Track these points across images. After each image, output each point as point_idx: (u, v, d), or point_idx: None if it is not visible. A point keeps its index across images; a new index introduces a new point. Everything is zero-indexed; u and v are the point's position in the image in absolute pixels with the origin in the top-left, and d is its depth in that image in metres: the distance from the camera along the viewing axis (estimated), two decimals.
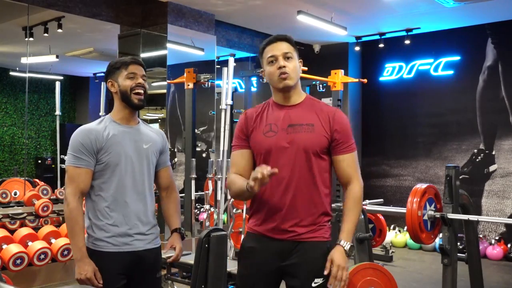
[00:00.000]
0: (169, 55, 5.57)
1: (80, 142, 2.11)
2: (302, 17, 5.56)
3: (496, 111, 6.46)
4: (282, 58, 2.01)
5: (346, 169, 2.03)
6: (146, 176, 2.23)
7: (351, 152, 2.05)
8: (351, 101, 7.41)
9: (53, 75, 7.82)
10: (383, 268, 2.66)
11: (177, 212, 2.40)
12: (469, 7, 5.67)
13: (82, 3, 5.14)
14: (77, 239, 2.08)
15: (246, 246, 2.08)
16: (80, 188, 2.10)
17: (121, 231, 2.13)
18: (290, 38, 2.08)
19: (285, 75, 1.99)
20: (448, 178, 3.19)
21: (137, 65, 2.23)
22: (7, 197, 4.81)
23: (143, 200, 2.20)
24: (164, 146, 2.34)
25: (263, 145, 1.99)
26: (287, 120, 2.02)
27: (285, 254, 1.98)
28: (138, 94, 2.18)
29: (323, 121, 2.02)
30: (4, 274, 3.30)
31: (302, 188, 1.98)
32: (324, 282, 1.97)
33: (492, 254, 6.13)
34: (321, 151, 2.01)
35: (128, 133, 2.20)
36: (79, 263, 2.06)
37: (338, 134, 2.02)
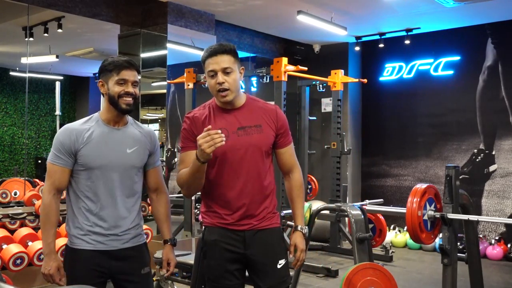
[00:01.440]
0: (169, 55, 5.57)
1: (60, 141, 2.15)
2: (302, 17, 5.56)
3: (496, 111, 6.46)
4: (221, 73, 2.10)
5: (288, 159, 2.26)
6: (129, 181, 2.21)
7: (290, 143, 2.27)
8: (351, 101, 7.41)
9: (53, 75, 7.82)
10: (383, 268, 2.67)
11: (167, 219, 2.40)
12: (469, 7, 5.67)
13: (82, 3, 5.14)
14: (47, 234, 2.15)
15: (210, 240, 2.19)
16: (55, 185, 2.15)
17: (96, 230, 2.15)
18: (230, 50, 2.14)
19: (224, 92, 2.10)
20: (448, 178, 3.19)
21: (129, 70, 2.19)
22: (7, 197, 4.81)
23: (122, 202, 2.19)
24: (152, 147, 2.31)
25: (218, 149, 1.99)
26: (236, 123, 2.15)
27: (247, 243, 2.16)
28: (126, 100, 2.16)
29: (268, 120, 2.19)
30: (4, 274, 3.30)
31: (255, 185, 2.15)
32: (286, 262, 2.21)
33: (492, 254, 6.13)
34: (269, 149, 2.21)
35: (113, 136, 2.19)
36: (46, 258, 2.14)
37: (281, 129, 2.22)
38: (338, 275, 5.17)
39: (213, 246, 2.18)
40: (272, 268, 2.16)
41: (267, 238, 2.18)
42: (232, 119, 2.15)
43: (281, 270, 2.18)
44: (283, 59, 5.31)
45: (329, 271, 5.20)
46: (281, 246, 2.22)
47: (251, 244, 2.16)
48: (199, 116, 2.19)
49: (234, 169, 2.12)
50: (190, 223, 5.44)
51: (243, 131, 2.14)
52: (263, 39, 7.14)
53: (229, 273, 2.16)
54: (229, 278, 2.16)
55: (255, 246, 2.16)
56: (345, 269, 5.07)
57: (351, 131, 7.38)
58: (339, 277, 5.10)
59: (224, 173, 2.14)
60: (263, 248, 2.16)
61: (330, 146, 6.43)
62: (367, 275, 2.62)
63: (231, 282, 2.16)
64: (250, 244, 2.16)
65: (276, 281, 2.17)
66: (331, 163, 6.43)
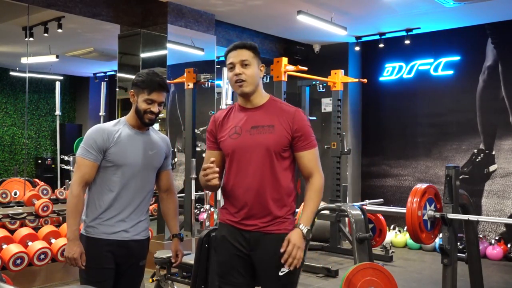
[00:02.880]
0: (169, 55, 5.57)
1: (94, 139, 2.36)
2: (302, 17, 5.56)
3: (496, 111, 6.46)
4: (239, 65, 2.17)
5: (307, 164, 2.20)
6: (146, 179, 2.46)
7: (311, 148, 2.21)
8: (351, 101, 7.41)
9: (53, 75, 7.82)
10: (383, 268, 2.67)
11: (176, 215, 2.63)
12: (469, 7, 5.67)
13: (82, 3, 5.14)
14: (73, 222, 2.32)
15: (219, 235, 2.25)
16: (85, 178, 2.34)
17: (113, 222, 2.37)
18: (250, 46, 2.22)
19: (241, 82, 2.16)
20: (448, 178, 3.19)
21: (160, 92, 2.38)
22: (7, 197, 4.81)
23: (139, 199, 2.43)
24: (167, 151, 2.56)
25: (229, 146, 2.17)
26: (250, 122, 2.19)
27: (252, 244, 2.16)
28: (149, 116, 2.39)
29: (283, 122, 2.17)
30: (4, 274, 3.30)
31: (264, 185, 2.14)
32: (291, 270, 2.12)
33: (492, 254, 6.13)
34: (282, 150, 2.16)
35: (137, 138, 2.43)
36: (70, 243, 2.30)
37: (297, 132, 2.17)
38: (338, 275, 5.17)
39: (222, 242, 2.23)
40: (274, 274, 2.13)
41: (272, 243, 2.13)
42: (248, 118, 2.20)
43: (283, 278, 2.13)
44: (283, 59, 5.31)
45: (329, 271, 5.20)
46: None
47: (255, 247, 2.15)
48: (219, 116, 2.29)
49: (242, 167, 2.16)
50: (190, 223, 5.44)
51: (256, 130, 2.16)
52: (263, 39, 7.14)
53: (235, 270, 2.19)
54: (235, 276, 2.19)
55: (259, 249, 2.15)
56: (345, 269, 5.07)
57: (351, 131, 7.38)
58: (339, 277, 5.10)
59: (233, 170, 2.20)
60: (266, 253, 2.14)
61: (330, 146, 6.43)
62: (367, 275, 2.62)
63: (237, 280, 2.18)
64: (255, 246, 2.15)
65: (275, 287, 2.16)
66: (331, 163, 6.43)
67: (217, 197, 4.50)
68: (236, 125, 2.19)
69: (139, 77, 2.41)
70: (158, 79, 2.40)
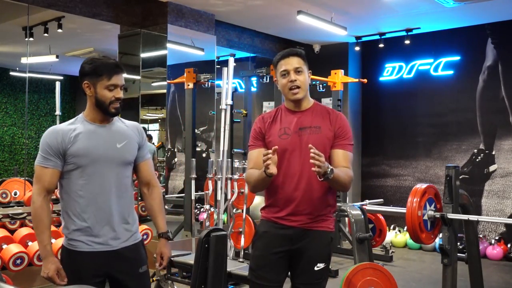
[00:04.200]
0: (169, 55, 5.57)
1: (47, 143, 2.14)
2: (302, 17, 5.56)
3: (496, 111, 6.46)
4: (293, 72, 2.28)
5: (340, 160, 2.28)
6: (120, 176, 2.20)
7: (345, 149, 2.29)
8: (351, 101, 7.41)
9: (53, 75, 7.81)
10: (383, 268, 2.67)
11: (161, 212, 2.37)
12: (469, 7, 5.67)
13: (82, 3, 5.14)
14: (42, 237, 2.11)
15: (261, 231, 2.35)
16: (45, 187, 2.12)
17: (94, 232, 2.14)
18: (301, 53, 2.33)
19: (296, 89, 2.28)
20: (448, 178, 3.19)
21: (119, 74, 2.17)
22: (7, 197, 4.81)
23: (116, 200, 2.18)
24: (140, 140, 2.31)
25: (279, 146, 2.20)
26: (299, 124, 2.30)
27: (295, 240, 2.26)
28: (115, 105, 2.18)
29: (328, 122, 2.29)
30: (4, 274, 3.30)
31: (311, 183, 2.24)
32: (326, 267, 2.28)
33: (492, 254, 6.13)
34: (328, 148, 2.28)
35: (100, 132, 2.18)
36: (44, 261, 2.10)
37: (338, 131, 2.29)
38: (338, 275, 5.17)
39: (261, 237, 2.33)
40: (310, 269, 2.25)
41: (314, 240, 2.25)
42: (296, 120, 2.31)
43: (318, 273, 2.26)
44: None
45: (329, 271, 5.20)
46: (325, 250, 2.29)
47: (297, 242, 2.25)
48: (268, 116, 2.38)
49: (291, 166, 2.26)
50: (190, 223, 5.44)
51: (303, 131, 2.27)
52: (263, 39, 7.14)
53: (269, 266, 2.28)
54: (268, 272, 2.28)
55: (300, 245, 2.25)
56: (345, 269, 5.06)
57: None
58: (339, 277, 5.10)
59: (282, 169, 2.26)
60: (307, 249, 2.25)
61: None
62: (367, 275, 2.62)
63: (269, 276, 2.28)
64: (296, 242, 2.25)
65: (310, 281, 2.27)
66: None
67: (217, 197, 4.50)
68: (285, 126, 2.30)
69: (90, 64, 2.15)
70: (113, 61, 2.18)
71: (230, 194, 4.78)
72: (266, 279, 2.28)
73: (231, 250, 4.76)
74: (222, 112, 4.43)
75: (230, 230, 4.88)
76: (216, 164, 4.56)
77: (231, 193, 4.81)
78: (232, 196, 4.82)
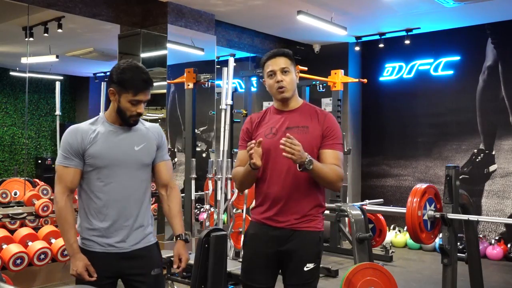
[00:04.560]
0: (169, 55, 5.57)
1: (68, 142, 2.13)
2: (302, 17, 5.56)
3: (496, 111, 6.46)
4: (280, 72, 2.28)
5: (329, 160, 2.23)
6: (138, 178, 2.20)
7: (334, 149, 2.26)
8: (351, 101, 7.41)
9: (53, 75, 7.82)
10: (383, 268, 2.67)
11: (179, 214, 2.34)
12: (469, 7, 5.67)
13: (82, 3, 5.14)
14: (68, 236, 2.12)
15: (250, 233, 2.36)
16: (68, 187, 2.13)
17: (108, 233, 2.14)
18: (287, 53, 2.33)
19: (282, 88, 2.27)
20: (448, 178, 3.19)
21: (146, 91, 2.14)
22: (7, 197, 4.81)
23: (132, 202, 2.18)
24: (160, 141, 2.29)
25: (264, 145, 2.21)
26: (286, 123, 2.29)
27: (282, 240, 2.25)
28: (135, 118, 2.17)
29: (316, 122, 2.28)
30: (4, 274, 3.30)
31: (298, 183, 2.23)
32: (316, 266, 2.26)
33: (492, 254, 6.13)
34: (315, 149, 2.25)
35: (119, 135, 2.18)
36: (72, 259, 2.11)
37: (326, 131, 2.27)
38: (338, 275, 5.17)
39: (251, 239, 2.34)
40: (299, 269, 2.24)
41: (302, 240, 2.24)
42: (283, 119, 2.30)
43: (308, 273, 2.24)
44: None
45: (329, 271, 5.20)
46: (313, 250, 2.26)
47: (285, 243, 2.24)
48: (256, 117, 2.39)
49: (277, 165, 2.24)
50: (190, 223, 5.44)
51: (290, 130, 2.24)
52: (263, 39, 7.14)
53: (259, 268, 2.29)
54: (258, 273, 2.30)
55: (288, 245, 2.24)
56: (345, 269, 5.07)
57: (351, 131, 7.38)
58: (339, 277, 5.10)
59: (268, 169, 2.28)
60: (295, 249, 2.24)
61: None
62: (367, 275, 2.62)
63: (259, 277, 2.29)
64: (285, 242, 2.25)
65: (300, 282, 2.25)
66: None
67: (217, 197, 4.50)
68: (272, 126, 2.30)
69: (121, 73, 2.11)
70: (144, 77, 2.12)
71: (230, 194, 4.78)
72: (257, 280, 2.29)
73: (231, 250, 4.76)
74: (222, 112, 4.43)
75: (230, 230, 4.89)
76: (216, 164, 4.56)
77: (231, 193, 4.81)
78: (232, 196, 4.82)
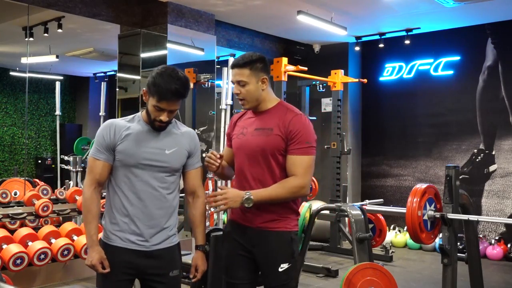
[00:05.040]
0: (169, 55, 5.57)
1: (102, 136, 2.16)
2: (302, 17, 5.56)
3: (496, 111, 6.46)
4: (237, 85, 2.30)
5: (289, 167, 2.23)
6: (164, 181, 2.19)
7: (296, 154, 2.21)
8: (351, 101, 7.41)
9: (53, 75, 7.82)
10: (383, 268, 2.67)
11: (201, 224, 2.33)
12: (469, 7, 5.67)
13: (82, 3, 5.14)
14: (90, 227, 2.16)
15: (226, 231, 2.41)
16: (96, 179, 2.16)
17: (130, 229, 2.16)
18: (245, 63, 2.25)
19: (241, 101, 2.31)
20: (448, 178, 3.19)
21: (171, 101, 2.10)
22: (7, 197, 4.80)
23: (158, 203, 2.18)
24: (192, 148, 2.28)
25: (235, 145, 2.35)
26: (255, 125, 2.32)
27: (254, 241, 2.27)
28: (159, 124, 2.16)
29: (281, 125, 2.23)
30: (4, 274, 3.30)
31: (263, 184, 2.24)
32: (290, 266, 2.24)
33: (492, 254, 6.13)
34: (278, 152, 2.24)
35: (151, 135, 2.18)
36: (89, 250, 2.15)
37: (290, 134, 2.22)
38: (338, 275, 5.17)
39: (228, 238, 2.37)
40: (274, 270, 2.23)
41: (273, 240, 2.24)
42: (254, 121, 2.34)
43: (283, 274, 2.23)
44: (283, 59, 5.31)
45: (329, 271, 5.20)
46: (286, 250, 2.25)
47: (257, 243, 2.27)
48: (236, 117, 2.47)
49: (243, 166, 2.30)
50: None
51: (257, 132, 2.28)
52: (263, 39, 7.14)
53: (238, 265, 2.31)
54: (239, 270, 2.31)
55: (260, 246, 2.26)
56: (345, 269, 5.07)
57: (351, 131, 7.38)
58: (339, 277, 5.10)
59: (237, 168, 2.36)
60: (267, 250, 2.25)
61: (330, 146, 6.43)
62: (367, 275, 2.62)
63: (240, 274, 2.31)
64: (257, 243, 2.27)
65: (276, 284, 2.25)
66: (331, 163, 6.43)
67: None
68: (244, 126, 2.35)
69: (154, 77, 2.10)
70: (174, 86, 2.06)
71: None
72: (237, 277, 2.31)
73: None
74: (222, 112, 4.43)
75: None
76: None
77: None
78: None
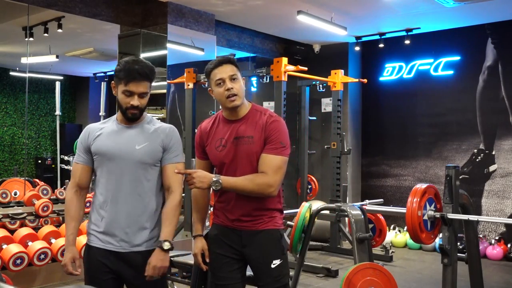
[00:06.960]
0: (169, 55, 5.57)
1: (80, 140, 2.27)
2: (302, 17, 5.56)
3: (496, 111, 6.46)
4: (229, 80, 2.25)
5: (261, 165, 2.23)
6: (138, 178, 2.17)
7: (268, 153, 2.23)
8: (351, 101, 7.41)
9: (53, 75, 7.83)
10: (383, 268, 2.66)
11: (167, 219, 2.18)
12: (469, 7, 5.67)
13: (82, 3, 5.14)
14: (67, 227, 2.25)
15: (212, 235, 2.37)
16: (76, 182, 2.25)
17: (106, 230, 2.17)
18: (233, 60, 2.31)
19: (233, 97, 2.24)
20: (448, 178, 3.18)
21: (139, 82, 2.12)
22: (7, 197, 4.81)
23: (132, 201, 2.16)
24: (167, 143, 2.23)
25: (217, 158, 2.30)
26: (234, 133, 2.28)
27: (244, 242, 2.28)
28: (131, 111, 2.16)
29: (259, 131, 2.26)
30: (4, 274, 3.30)
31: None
32: (282, 263, 2.28)
33: (492, 254, 6.13)
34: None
35: (122, 133, 2.21)
36: (65, 250, 2.24)
37: (267, 137, 2.25)
38: (338, 275, 5.17)
39: (214, 241, 2.34)
40: (266, 267, 2.26)
41: (263, 239, 2.28)
42: (232, 129, 2.29)
43: (276, 270, 2.26)
44: (283, 59, 5.31)
45: (329, 271, 5.20)
46: (276, 247, 2.29)
47: (247, 244, 2.28)
48: (206, 126, 2.38)
49: (231, 176, 2.25)
50: (190, 223, 5.44)
51: (238, 141, 2.26)
52: (263, 39, 7.14)
53: (226, 267, 2.30)
54: (226, 273, 2.30)
55: (251, 246, 2.28)
56: (345, 269, 5.07)
57: (351, 131, 7.38)
58: (339, 277, 5.10)
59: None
60: (258, 249, 2.27)
61: (330, 146, 6.43)
62: (367, 275, 2.61)
63: (227, 276, 2.30)
64: (247, 244, 2.28)
65: (270, 280, 2.27)
66: (331, 163, 6.43)
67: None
68: (221, 137, 2.30)
69: (118, 65, 2.16)
70: (137, 67, 2.10)
71: None
72: (225, 278, 2.30)
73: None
74: None
75: None
76: None
77: None
78: None
